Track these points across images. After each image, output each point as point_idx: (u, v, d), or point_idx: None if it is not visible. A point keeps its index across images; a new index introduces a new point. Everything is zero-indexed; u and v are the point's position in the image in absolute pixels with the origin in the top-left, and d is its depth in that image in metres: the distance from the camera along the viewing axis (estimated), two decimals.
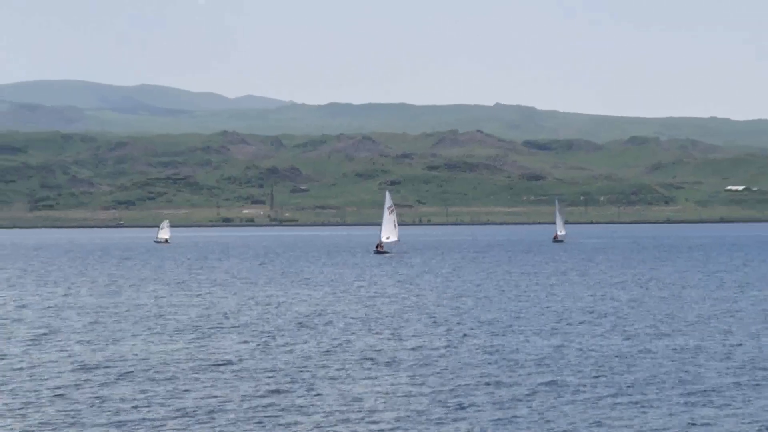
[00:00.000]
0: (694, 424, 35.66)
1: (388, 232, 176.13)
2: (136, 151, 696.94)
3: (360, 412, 38.61)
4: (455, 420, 36.65)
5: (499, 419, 36.71)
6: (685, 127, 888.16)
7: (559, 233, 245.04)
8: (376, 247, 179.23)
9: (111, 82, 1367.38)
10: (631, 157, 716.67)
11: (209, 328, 66.20)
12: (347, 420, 37.15)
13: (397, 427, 35.95)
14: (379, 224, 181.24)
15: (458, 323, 68.76)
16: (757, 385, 43.17)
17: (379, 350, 55.14)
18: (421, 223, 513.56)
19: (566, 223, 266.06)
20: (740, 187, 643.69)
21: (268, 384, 44.22)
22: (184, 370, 48.54)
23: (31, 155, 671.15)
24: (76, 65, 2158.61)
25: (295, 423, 36.01)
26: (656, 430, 35.08)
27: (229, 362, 50.72)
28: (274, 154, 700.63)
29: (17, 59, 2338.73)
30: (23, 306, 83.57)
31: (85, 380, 45.54)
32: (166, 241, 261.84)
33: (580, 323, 68.08)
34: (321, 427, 36.14)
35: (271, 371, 47.90)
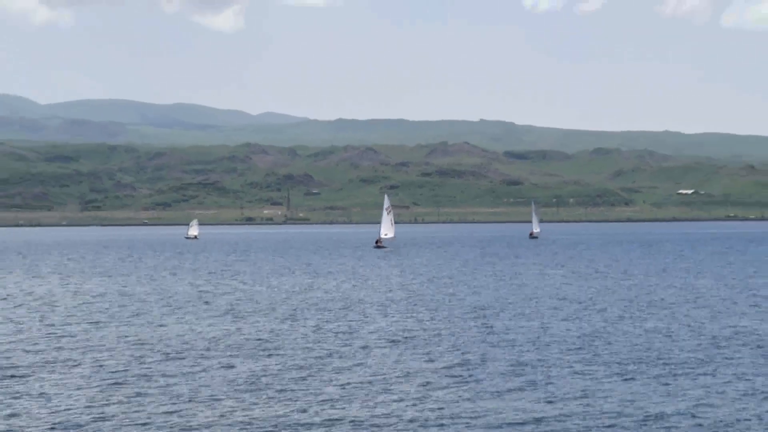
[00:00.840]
0: (668, 395, 35.61)
1: (386, 230, 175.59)
2: (172, 160, 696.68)
3: (378, 378, 38.67)
4: (459, 387, 36.87)
5: (498, 389, 36.88)
6: (642, 140, 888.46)
7: (534, 230, 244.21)
8: (376, 242, 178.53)
9: (150, 101, 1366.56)
10: (596, 165, 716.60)
11: (247, 311, 65.64)
12: (371, 383, 37.36)
13: (410, 394, 35.82)
14: (379, 223, 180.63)
15: (453, 306, 68.26)
16: (720, 360, 43.14)
17: (386, 328, 55.01)
18: (416, 222, 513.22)
19: (541, 221, 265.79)
20: (690, 191, 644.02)
21: (298, 358, 44.18)
22: (229, 346, 48.53)
23: (81, 164, 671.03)
24: (119, 86, 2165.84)
25: (323, 391, 36.04)
26: (635, 398, 34.91)
27: (267, 339, 50.63)
28: (290, 162, 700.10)
29: (69, 80, 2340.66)
30: (80, 293, 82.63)
31: (144, 355, 45.61)
32: (195, 237, 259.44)
33: (562, 306, 67.54)
34: (345, 393, 36.12)
35: (300, 347, 47.82)
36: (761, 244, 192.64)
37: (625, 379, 38.98)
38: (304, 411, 33.22)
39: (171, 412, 33.08)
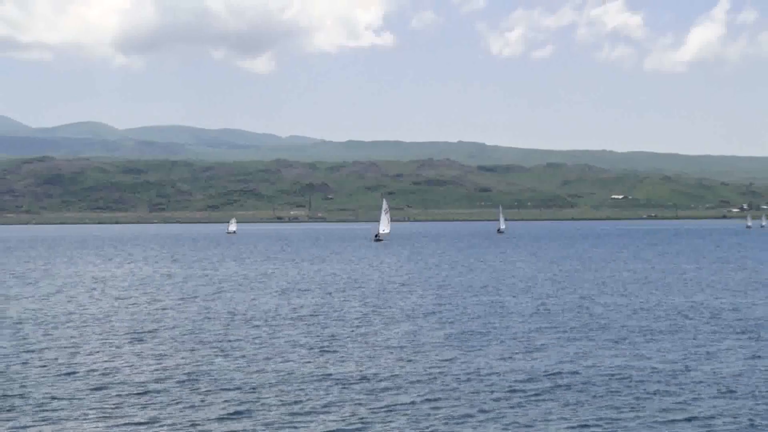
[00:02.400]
0: (637, 355, 35.46)
1: (384, 227, 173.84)
2: (219, 172, 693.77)
3: (389, 343, 38.17)
4: (464, 354, 36.28)
5: (500, 355, 36.53)
6: (584, 156, 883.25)
7: (501, 227, 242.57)
8: (375, 236, 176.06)
9: (202, 126, 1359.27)
10: (548, 176, 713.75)
11: (284, 291, 64.74)
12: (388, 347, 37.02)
13: (416, 360, 35.56)
14: (379, 221, 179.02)
15: (446, 287, 67.03)
16: (673, 329, 42.86)
17: (388, 304, 53.94)
18: (408, 220, 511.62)
19: (506, 220, 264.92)
20: (620, 196, 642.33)
21: (328, 329, 43.66)
22: (274, 318, 48.08)
23: (149, 175, 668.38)
24: (180, 115, 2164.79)
25: (345, 359, 35.43)
26: (614, 356, 34.83)
27: (305, 315, 50.30)
28: (311, 174, 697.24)
29: (140, 110, 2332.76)
30: (170, 275, 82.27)
31: (214, 327, 45.40)
32: (234, 232, 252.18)
33: (542, 286, 66.65)
34: (368, 358, 35.83)
35: (329, 319, 47.37)
36: (681, 238, 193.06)
37: (601, 344, 38.58)
38: (357, 364, 33.33)
39: (247, 365, 33.22)
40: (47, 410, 26.07)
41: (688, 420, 24.78)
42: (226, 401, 27.16)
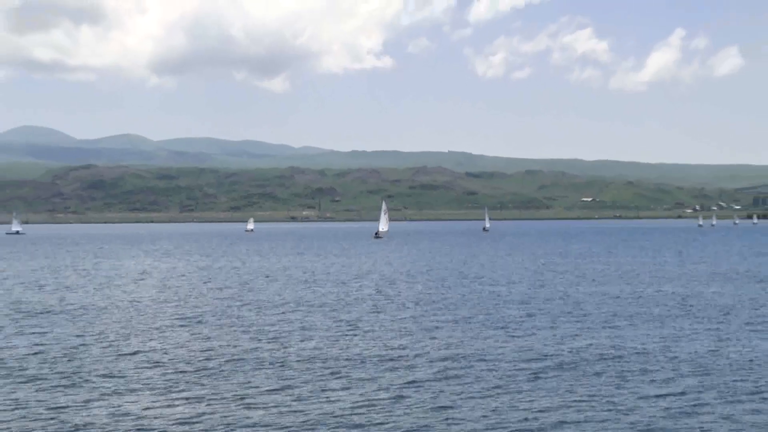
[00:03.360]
0: (619, 337, 35.42)
1: (383, 225, 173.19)
2: (241, 178, 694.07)
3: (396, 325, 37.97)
4: (469, 337, 36.20)
5: (500, 337, 36.38)
6: (558, 164, 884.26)
7: (486, 226, 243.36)
8: (375, 234, 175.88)
9: (227, 138, 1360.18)
10: (527, 181, 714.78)
11: (305, 281, 64.16)
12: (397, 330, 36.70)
13: (419, 338, 35.42)
14: (378, 221, 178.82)
15: (444, 278, 66.55)
16: (648, 315, 42.75)
17: (397, 292, 53.59)
18: (405, 220, 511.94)
19: (490, 219, 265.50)
20: (590, 199, 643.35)
21: (350, 314, 43.71)
22: (301, 304, 47.66)
23: (180, 180, 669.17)
24: (207, 128, 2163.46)
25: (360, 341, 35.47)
26: (600, 338, 34.68)
27: (328, 302, 50.10)
28: (321, 180, 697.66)
29: (172, 124, 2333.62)
30: (204, 268, 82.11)
31: (249, 312, 44.95)
32: (252, 230, 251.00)
33: (528, 277, 65.90)
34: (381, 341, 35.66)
35: (349, 305, 47.23)
36: (644, 235, 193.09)
37: (580, 326, 38.30)
38: (381, 343, 33.21)
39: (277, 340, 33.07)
40: (106, 386, 25.96)
41: (670, 394, 24.64)
42: (266, 378, 27.05)
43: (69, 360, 30.26)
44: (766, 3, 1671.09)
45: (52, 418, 21.91)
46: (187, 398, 24.28)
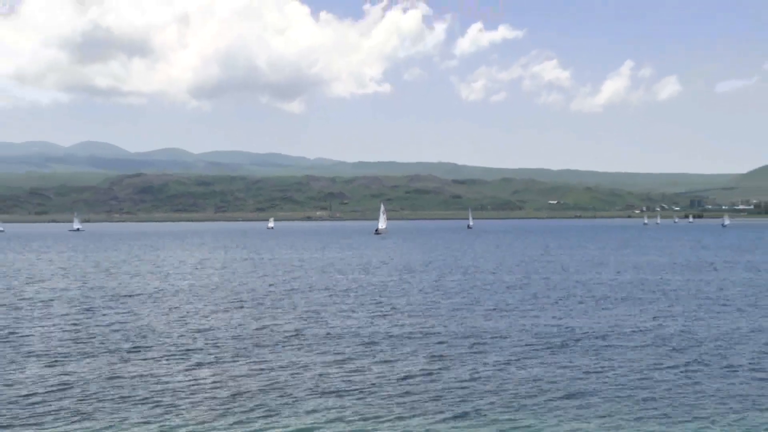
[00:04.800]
0: (605, 316, 34.87)
1: (382, 224, 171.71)
2: (266, 184, 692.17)
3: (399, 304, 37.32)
4: (474, 320, 35.57)
5: (499, 319, 35.79)
6: (528, 173, 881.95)
7: (470, 224, 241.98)
8: (376, 231, 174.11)
9: (253, 151, 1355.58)
10: (503, 187, 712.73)
11: (333, 270, 63.47)
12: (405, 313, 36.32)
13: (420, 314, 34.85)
14: (377, 220, 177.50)
15: (442, 268, 65.22)
16: (626, 298, 41.96)
17: (405, 281, 52.90)
18: (401, 219, 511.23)
19: (473, 219, 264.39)
20: (555, 202, 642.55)
21: (371, 298, 42.98)
22: (329, 288, 46.87)
23: (215, 187, 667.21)
24: (237, 142, 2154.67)
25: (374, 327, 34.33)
26: (587, 319, 34.03)
27: (350, 288, 49.18)
28: (332, 186, 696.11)
29: (208, 138, 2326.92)
30: (246, 260, 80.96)
31: (293, 296, 43.85)
32: (272, 228, 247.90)
33: (514, 267, 64.52)
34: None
35: (368, 292, 46.52)
36: (604, 232, 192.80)
37: (561, 311, 37.92)
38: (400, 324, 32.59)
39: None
40: (168, 356, 25.67)
41: (654, 366, 24.37)
42: (310, 351, 26.68)
43: (138, 335, 29.94)
44: (699, 41, 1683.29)
45: (136, 384, 21.68)
46: (251, 367, 23.98)
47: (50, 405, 19.62)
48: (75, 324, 32.96)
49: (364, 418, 18.19)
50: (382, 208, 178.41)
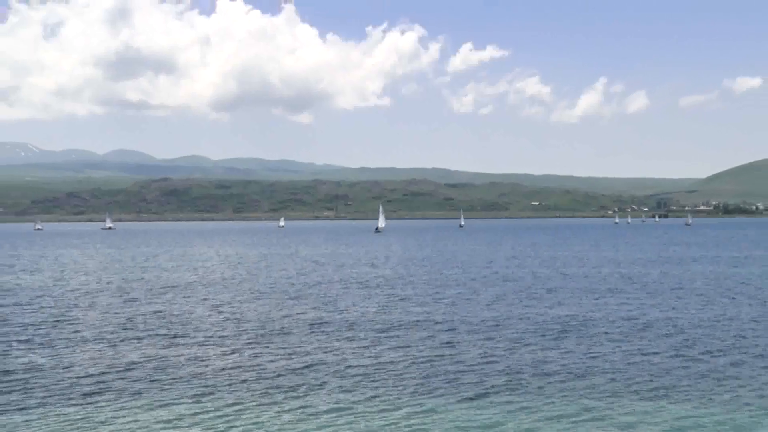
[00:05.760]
0: (596, 306, 34.32)
1: (381, 223, 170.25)
2: (278, 188, 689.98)
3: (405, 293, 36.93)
4: (463, 306, 35.11)
5: (500, 307, 35.08)
6: (513, 178, 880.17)
7: (461, 223, 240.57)
8: (376, 229, 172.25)
9: (267, 158, 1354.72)
10: (491, 190, 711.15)
11: (345, 264, 62.42)
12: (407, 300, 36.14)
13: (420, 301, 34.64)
14: (377, 219, 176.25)
15: (441, 262, 64.58)
16: (611, 290, 41.33)
17: (411, 273, 52.13)
18: (399, 218, 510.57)
19: (464, 219, 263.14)
20: (537, 203, 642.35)
21: (381, 290, 42.37)
22: (348, 280, 46.23)
23: (233, 189, 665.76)
24: (253, 149, 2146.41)
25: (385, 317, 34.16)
26: (581, 308, 33.49)
27: (359, 280, 48.80)
28: (337, 189, 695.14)
29: (226, 146, 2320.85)
30: (264, 255, 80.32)
31: (318, 288, 43.23)
32: (282, 227, 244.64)
33: (505, 261, 63.97)
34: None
35: (377, 284, 45.67)
36: (583, 231, 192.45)
37: (549, 300, 37.23)
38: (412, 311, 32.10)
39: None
40: (205, 342, 25.41)
41: (643, 350, 24.12)
42: (331, 337, 26.34)
43: (176, 321, 29.65)
44: (665, 60, 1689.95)
45: (178, 366, 21.44)
46: (279, 351, 23.69)
47: (103, 385, 19.48)
48: (119, 312, 32.73)
49: (385, 398, 17.88)
50: (381, 209, 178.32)
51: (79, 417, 16.46)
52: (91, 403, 17.73)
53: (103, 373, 20.82)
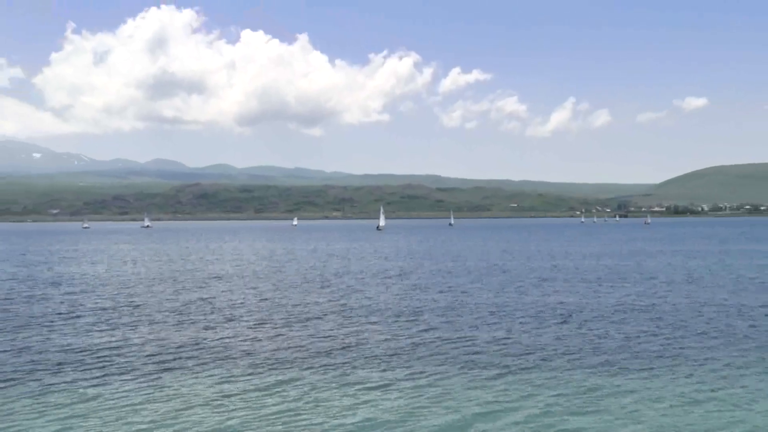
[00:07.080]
0: (586, 294, 33.82)
1: (382, 222, 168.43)
2: (293, 192, 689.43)
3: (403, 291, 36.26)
4: (470, 293, 34.16)
5: (502, 296, 34.19)
6: (495, 183, 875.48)
7: (451, 222, 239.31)
8: (377, 227, 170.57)
9: (284, 166, 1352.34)
10: (476, 194, 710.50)
11: (359, 258, 61.89)
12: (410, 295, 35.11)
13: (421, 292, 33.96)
14: (378, 218, 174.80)
15: (438, 256, 63.60)
16: (598, 279, 40.66)
17: (415, 268, 51.38)
18: (397, 218, 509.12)
19: (453, 218, 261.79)
20: (515, 205, 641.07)
21: (390, 281, 41.23)
22: (364, 272, 45.66)
23: (254, 193, 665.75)
24: (272, 159, 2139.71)
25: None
26: (571, 297, 32.78)
27: (379, 271, 47.31)
28: (344, 192, 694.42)
29: (249, 156, 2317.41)
30: (287, 251, 78.75)
31: (341, 279, 42.04)
32: (295, 226, 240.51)
33: (498, 255, 63.23)
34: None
35: (387, 276, 44.80)
36: (558, 229, 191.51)
37: (540, 291, 35.85)
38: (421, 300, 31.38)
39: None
40: (240, 325, 24.67)
41: (638, 332, 23.46)
42: (354, 321, 25.61)
43: (208, 307, 28.80)
44: (625, 83, 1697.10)
45: (219, 346, 20.79)
46: (307, 334, 22.98)
47: (167, 362, 18.90)
48: (172, 298, 32.11)
49: (406, 378, 17.20)
50: (381, 209, 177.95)
51: (149, 391, 15.92)
52: (146, 374, 17.26)
53: (166, 351, 20.28)
